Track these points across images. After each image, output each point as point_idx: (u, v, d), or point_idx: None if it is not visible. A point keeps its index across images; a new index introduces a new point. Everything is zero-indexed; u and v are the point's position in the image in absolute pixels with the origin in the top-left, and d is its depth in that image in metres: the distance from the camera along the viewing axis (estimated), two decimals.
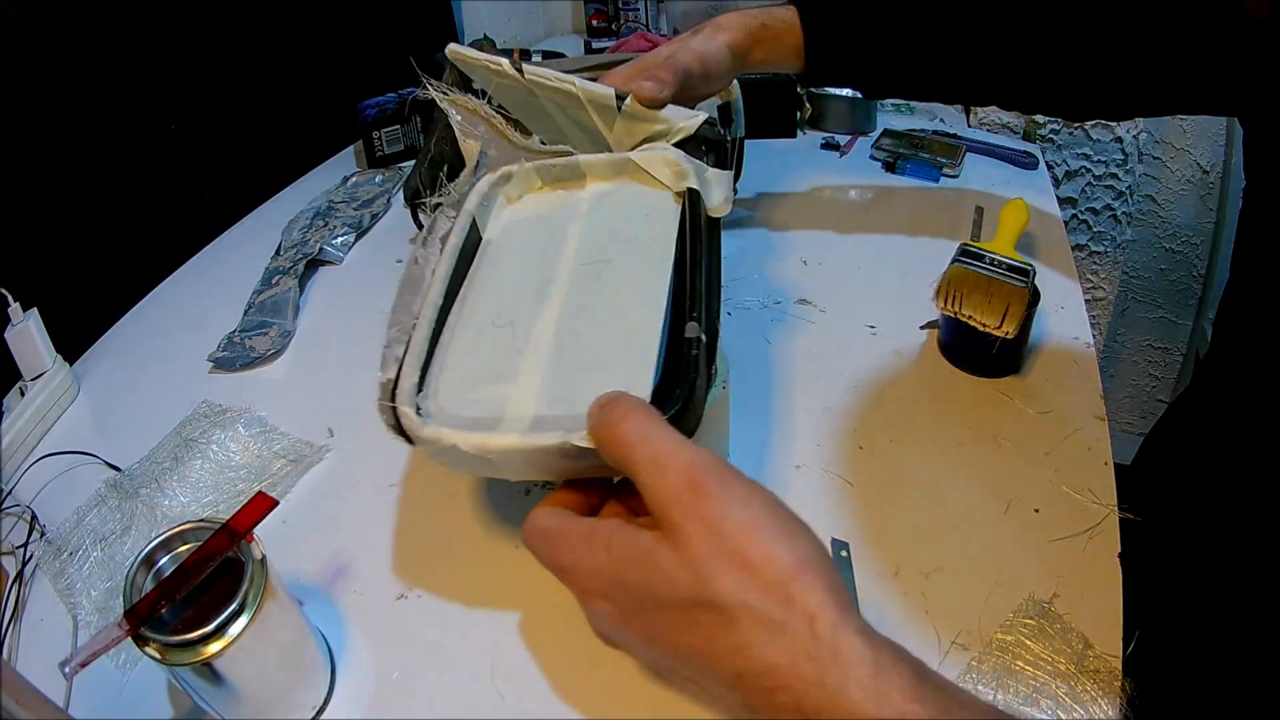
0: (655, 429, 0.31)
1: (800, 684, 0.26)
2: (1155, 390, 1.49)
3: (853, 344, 0.63)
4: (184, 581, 0.34)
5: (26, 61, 0.64)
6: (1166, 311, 1.40)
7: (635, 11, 1.34)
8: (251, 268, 0.75)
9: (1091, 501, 0.49)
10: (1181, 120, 1.21)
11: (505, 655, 0.43)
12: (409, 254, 0.46)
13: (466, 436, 0.36)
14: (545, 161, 0.52)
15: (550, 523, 0.33)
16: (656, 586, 0.29)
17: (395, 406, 0.39)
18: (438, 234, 0.47)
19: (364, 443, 0.57)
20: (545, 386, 0.40)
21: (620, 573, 0.30)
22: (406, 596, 0.46)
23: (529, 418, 0.38)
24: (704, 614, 0.28)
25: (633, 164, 0.52)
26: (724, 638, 0.27)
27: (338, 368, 0.64)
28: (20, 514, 0.52)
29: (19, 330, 0.59)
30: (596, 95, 0.52)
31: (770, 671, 0.26)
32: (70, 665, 0.32)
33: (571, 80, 0.53)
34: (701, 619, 0.28)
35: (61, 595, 0.47)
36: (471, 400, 0.40)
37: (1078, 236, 1.28)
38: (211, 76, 0.82)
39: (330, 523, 0.51)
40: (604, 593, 0.31)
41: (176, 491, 0.52)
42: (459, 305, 0.45)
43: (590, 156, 0.52)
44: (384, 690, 0.41)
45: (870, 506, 0.49)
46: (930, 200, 0.83)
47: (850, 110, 1.00)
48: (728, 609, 0.27)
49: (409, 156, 0.96)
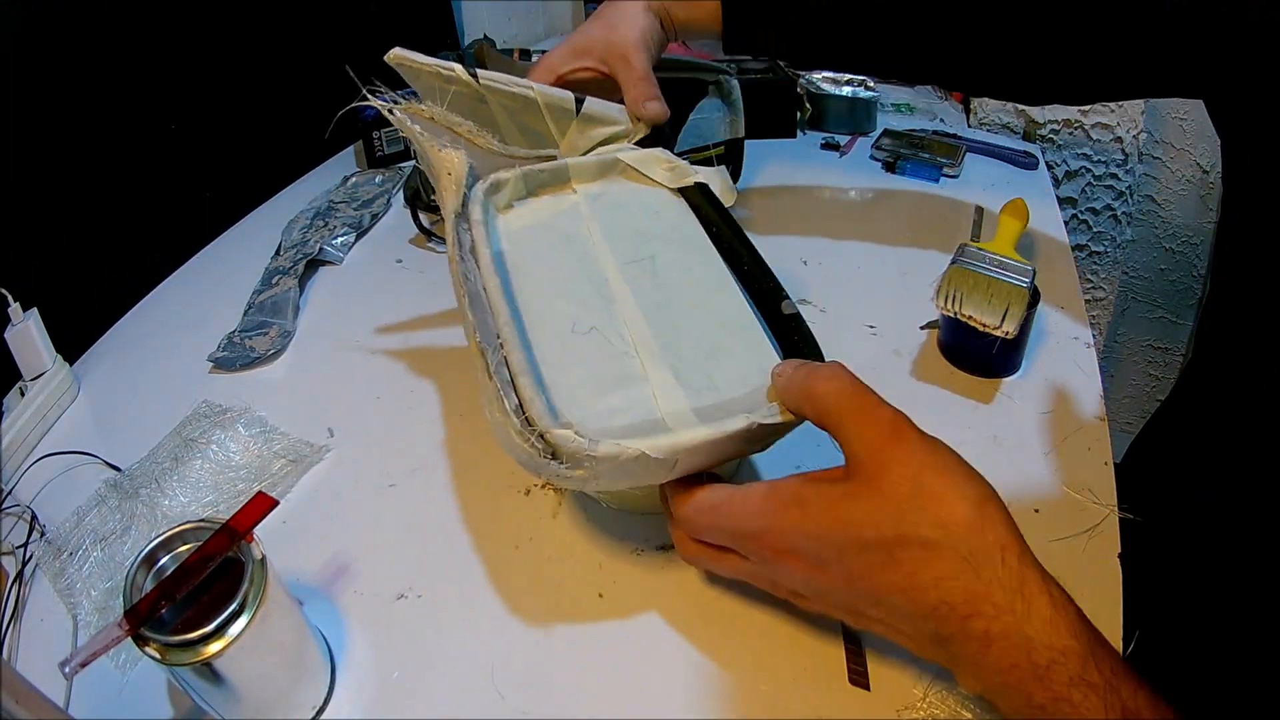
0: (860, 386, 0.35)
1: (993, 610, 0.29)
2: (1155, 390, 1.49)
3: (853, 344, 0.63)
4: (184, 581, 0.34)
5: (26, 61, 0.64)
6: (1166, 311, 1.40)
7: None
8: (251, 268, 0.75)
9: (1091, 501, 0.49)
10: (1181, 120, 1.21)
11: (505, 655, 0.43)
12: (459, 271, 0.44)
13: (654, 442, 0.35)
14: (533, 167, 0.53)
15: (720, 495, 0.36)
16: (859, 530, 0.31)
17: (545, 432, 0.36)
18: (466, 248, 0.46)
19: (364, 443, 0.57)
20: (680, 380, 0.41)
21: (818, 523, 0.32)
22: (406, 596, 0.46)
23: (685, 411, 0.39)
24: (907, 551, 0.30)
25: (620, 164, 0.54)
26: (926, 571, 0.30)
27: (338, 368, 0.64)
28: (20, 514, 0.52)
29: (19, 330, 0.59)
30: (554, 100, 0.54)
31: (969, 600, 0.29)
32: (70, 665, 0.32)
33: (530, 85, 0.54)
34: (904, 556, 0.30)
35: (61, 595, 0.47)
36: (609, 409, 0.39)
37: (1078, 236, 1.28)
38: (211, 76, 0.82)
39: (330, 523, 0.51)
40: (797, 548, 0.33)
41: (176, 491, 0.52)
42: (523, 319, 0.44)
43: (577, 160, 0.54)
44: (384, 690, 0.41)
45: None
46: (930, 200, 0.83)
47: (850, 110, 1.00)
48: (930, 543, 0.30)
49: (409, 156, 0.96)
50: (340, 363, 0.65)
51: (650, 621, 0.44)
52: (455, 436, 0.57)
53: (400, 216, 0.85)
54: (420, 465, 0.54)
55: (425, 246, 0.80)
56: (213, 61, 0.82)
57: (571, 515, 0.50)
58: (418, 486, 0.53)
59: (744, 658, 0.42)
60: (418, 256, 0.79)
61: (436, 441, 0.56)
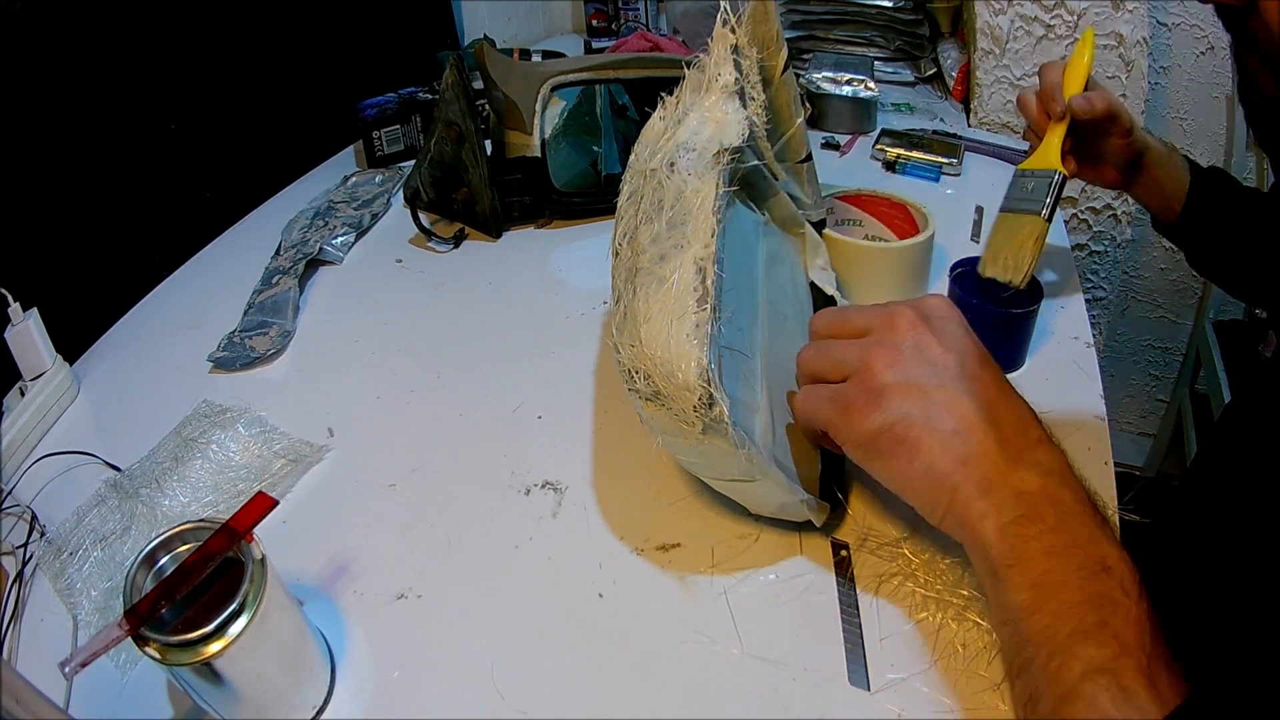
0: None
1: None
2: (1155, 390, 1.49)
3: None
4: (184, 581, 0.34)
5: (27, 61, 0.64)
6: (1166, 311, 1.40)
7: (635, 11, 1.34)
8: (251, 268, 0.75)
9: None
10: (1181, 120, 1.21)
11: (505, 655, 0.43)
12: (715, 196, 0.43)
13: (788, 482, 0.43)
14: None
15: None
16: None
17: (715, 389, 0.37)
18: (724, 195, 0.46)
19: (364, 443, 0.57)
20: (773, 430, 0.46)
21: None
22: (406, 596, 0.46)
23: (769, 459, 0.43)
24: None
25: (808, 229, 0.62)
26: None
27: (338, 368, 0.64)
28: (20, 514, 0.52)
29: (19, 330, 0.59)
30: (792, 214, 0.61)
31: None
32: (70, 665, 0.32)
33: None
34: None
35: (61, 595, 0.47)
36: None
37: (1078, 236, 1.28)
38: (211, 76, 0.82)
39: (330, 523, 0.51)
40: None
41: (176, 491, 0.52)
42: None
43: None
44: (384, 690, 0.41)
45: (870, 507, 0.49)
46: (930, 200, 0.83)
47: (850, 110, 1.00)
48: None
49: (409, 156, 0.96)
50: (340, 363, 0.65)
51: (650, 621, 0.44)
52: (455, 436, 0.57)
53: (400, 216, 0.85)
54: (420, 465, 0.54)
55: (425, 246, 0.80)
56: (212, 61, 0.82)
57: (571, 515, 0.50)
58: (418, 486, 0.53)
59: (744, 657, 0.42)
60: (418, 256, 0.79)
61: (436, 441, 0.56)
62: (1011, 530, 0.36)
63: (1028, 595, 0.34)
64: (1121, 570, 0.34)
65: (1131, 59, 1.04)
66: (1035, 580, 0.35)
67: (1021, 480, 0.37)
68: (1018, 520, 0.36)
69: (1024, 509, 0.36)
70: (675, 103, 0.49)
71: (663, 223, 0.42)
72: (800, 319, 0.56)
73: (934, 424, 0.38)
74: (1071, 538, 0.35)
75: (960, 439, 0.38)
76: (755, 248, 0.54)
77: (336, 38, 0.97)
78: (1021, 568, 0.35)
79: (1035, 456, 0.38)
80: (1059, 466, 0.38)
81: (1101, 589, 0.33)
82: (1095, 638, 0.32)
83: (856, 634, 0.42)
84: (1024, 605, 0.34)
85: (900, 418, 0.38)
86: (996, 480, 0.37)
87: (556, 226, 0.83)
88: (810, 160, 0.62)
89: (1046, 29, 1.05)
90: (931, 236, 0.65)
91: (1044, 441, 0.39)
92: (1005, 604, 0.36)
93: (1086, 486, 0.38)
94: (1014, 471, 0.37)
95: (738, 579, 0.45)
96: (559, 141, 0.86)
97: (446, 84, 0.74)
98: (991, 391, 0.39)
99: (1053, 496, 0.36)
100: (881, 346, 0.40)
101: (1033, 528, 0.35)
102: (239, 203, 0.87)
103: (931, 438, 0.38)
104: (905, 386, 0.39)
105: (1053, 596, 0.34)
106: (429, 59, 1.02)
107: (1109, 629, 0.32)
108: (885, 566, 0.46)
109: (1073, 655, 0.32)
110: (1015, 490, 0.36)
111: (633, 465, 0.53)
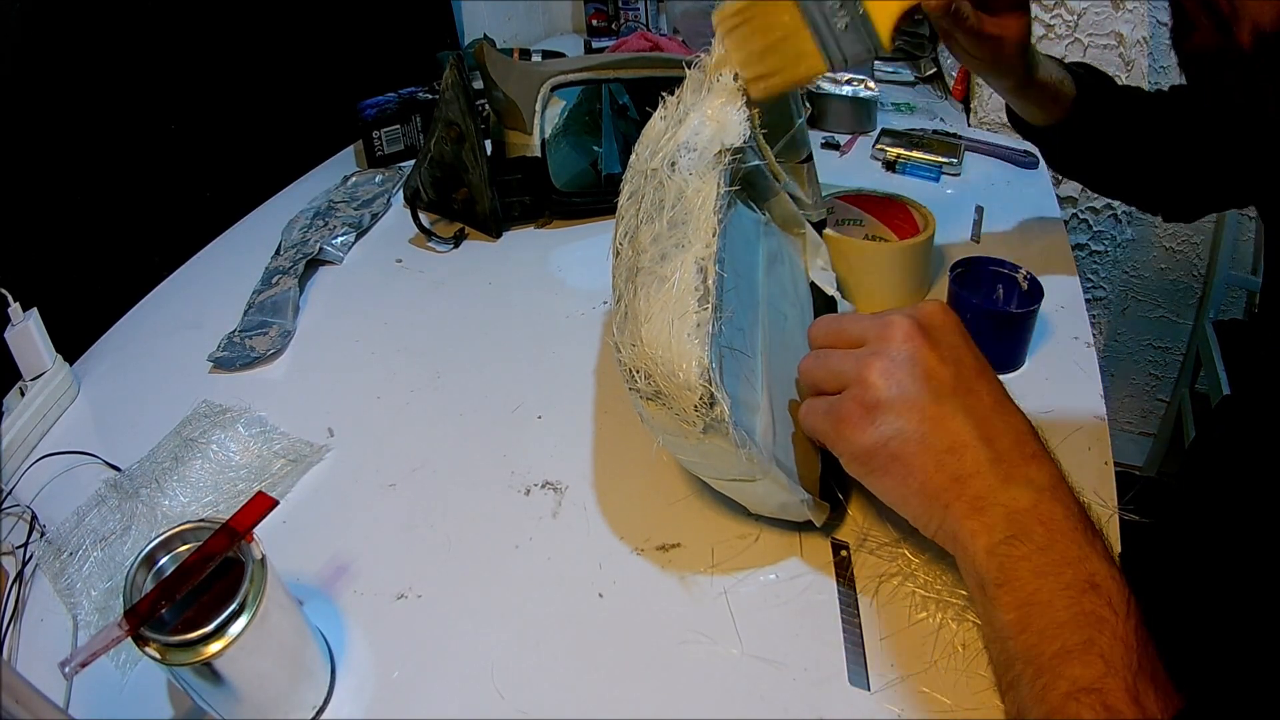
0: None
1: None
2: (1155, 390, 1.49)
3: None
4: (184, 581, 0.34)
5: (27, 61, 0.64)
6: (1166, 311, 1.40)
7: (635, 11, 1.35)
8: (251, 268, 0.75)
9: (1093, 502, 0.49)
10: None
11: (505, 655, 0.43)
12: (716, 194, 0.43)
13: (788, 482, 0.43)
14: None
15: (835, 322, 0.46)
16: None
17: (716, 389, 0.37)
18: (725, 195, 0.46)
19: (364, 443, 0.57)
20: (775, 428, 0.46)
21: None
22: (406, 596, 0.46)
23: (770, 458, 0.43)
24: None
25: (809, 230, 0.61)
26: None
27: (338, 368, 0.64)
28: (20, 514, 0.52)
29: (19, 330, 0.59)
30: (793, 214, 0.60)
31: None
32: (70, 665, 0.32)
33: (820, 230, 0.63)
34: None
35: (61, 595, 0.47)
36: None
37: (1078, 236, 1.28)
38: (211, 76, 0.82)
39: (330, 523, 0.51)
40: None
41: (176, 491, 0.52)
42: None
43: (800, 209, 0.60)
44: (384, 690, 0.41)
45: (870, 507, 0.49)
46: (930, 200, 0.83)
47: (850, 110, 1.00)
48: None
49: (409, 156, 0.96)
50: (340, 363, 0.65)
51: (650, 621, 0.44)
52: (455, 436, 0.57)
53: (400, 216, 0.85)
54: (420, 465, 0.54)
55: (425, 246, 0.80)
56: (212, 61, 0.82)
57: (571, 515, 0.50)
58: (418, 486, 0.53)
59: (744, 658, 0.42)
60: (418, 256, 0.79)
61: (436, 441, 0.56)
62: (1000, 550, 0.36)
63: (1015, 615, 0.35)
64: (1110, 587, 0.34)
65: (1131, 59, 1.04)
66: (1023, 600, 0.35)
67: (1013, 499, 0.37)
68: (1007, 540, 0.36)
69: (1014, 529, 0.36)
70: (676, 102, 0.49)
71: (664, 222, 0.42)
72: (801, 319, 0.56)
73: (927, 441, 0.38)
74: (1060, 555, 0.35)
75: (954, 456, 0.38)
76: (756, 247, 0.54)
77: (336, 38, 0.97)
78: (1010, 588, 0.35)
79: (1028, 473, 0.37)
80: (1051, 482, 0.37)
81: (1089, 607, 0.33)
82: (1081, 658, 0.32)
83: (856, 634, 0.42)
84: (1011, 624, 0.35)
85: (894, 434, 0.38)
86: (988, 499, 0.37)
87: (556, 226, 0.83)
88: (811, 160, 0.62)
89: (1046, 28, 1.05)
90: (931, 236, 0.65)
91: (1038, 456, 0.38)
92: (994, 622, 0.36)
93: (1080, 498, 0.38)
94: (1006, 490, 0.37)
95: (738, 579, 0.45)
96: (559, 141, 0.86)
97: (446, 84, 0.74)
98: (987, 405, 0.39)
99: (1044, 514, 0.36)
100: (877, 358, 0.40)
101: (1022, 548, 0.35)
102: (239, 203, 0.87)
103: (925, 455, 0.38)
104: (900, 401, 0.39)
105: (1039, 616, 0.34)
106: (429, 59, 1.02)
107: (1095, 648, 0.32)
108: (885, 567, 0.46)
109: (1058, 675, 0.32)
110: (1007, 509, 0.36)
111: (633, 465, 0.53)
